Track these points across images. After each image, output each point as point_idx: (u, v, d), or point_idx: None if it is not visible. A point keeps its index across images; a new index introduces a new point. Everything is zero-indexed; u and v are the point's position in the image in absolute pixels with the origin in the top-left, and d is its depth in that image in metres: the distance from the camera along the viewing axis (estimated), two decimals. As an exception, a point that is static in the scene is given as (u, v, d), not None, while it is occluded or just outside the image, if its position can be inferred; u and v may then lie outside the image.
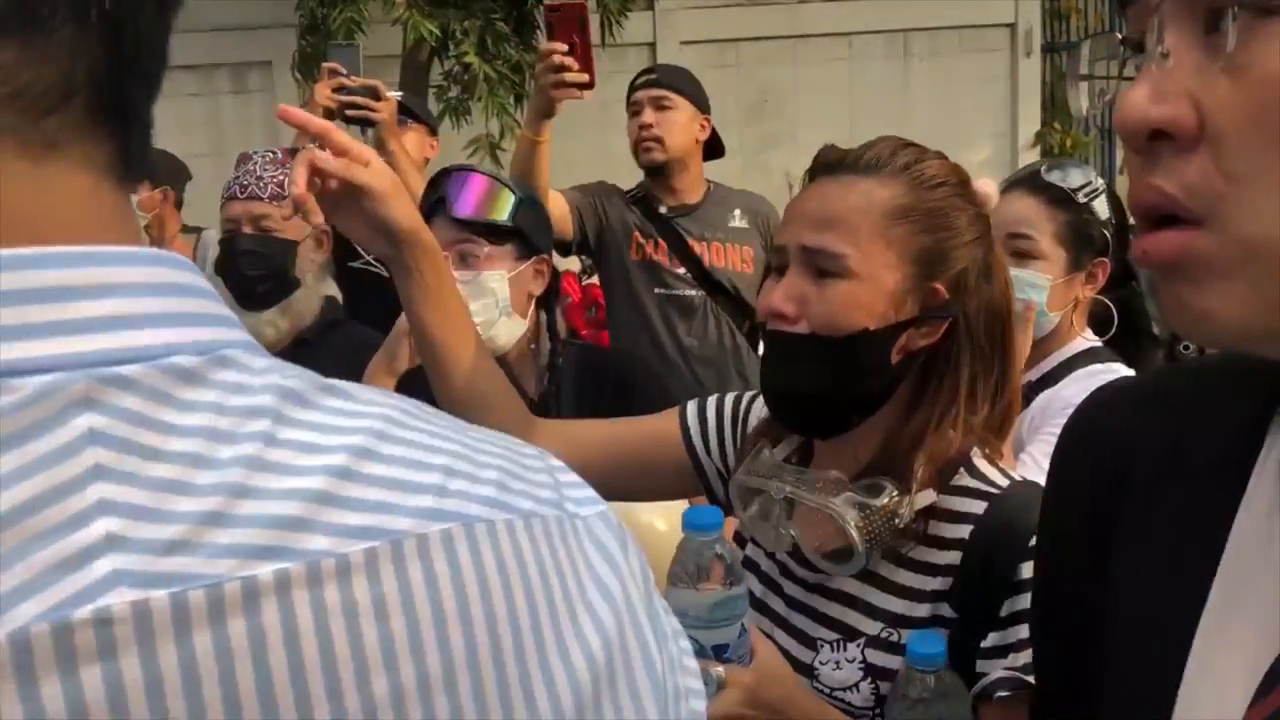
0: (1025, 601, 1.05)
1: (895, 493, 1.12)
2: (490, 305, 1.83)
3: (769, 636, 1.21)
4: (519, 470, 0.48)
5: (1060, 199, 1.87)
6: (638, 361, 2.16)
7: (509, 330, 1.87)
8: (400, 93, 2.85)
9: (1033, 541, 1.06)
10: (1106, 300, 1.94)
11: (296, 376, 0.45)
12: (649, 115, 2.79)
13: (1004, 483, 1.17)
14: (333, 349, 2.19)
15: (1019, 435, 1.87)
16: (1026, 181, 1.93)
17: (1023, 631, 1.08)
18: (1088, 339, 1.93)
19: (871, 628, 1.17)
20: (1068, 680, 0.69)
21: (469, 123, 6.10)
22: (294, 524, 0.40)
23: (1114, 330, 1.94)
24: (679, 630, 0.52)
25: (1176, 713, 0.58)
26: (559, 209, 2.64)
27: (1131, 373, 1.86)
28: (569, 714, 0.44)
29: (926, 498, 1.13)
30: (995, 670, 1.10)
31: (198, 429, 0.41)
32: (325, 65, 2.65)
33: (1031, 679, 1.05)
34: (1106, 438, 0.70)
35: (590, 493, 0.50)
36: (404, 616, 0.41)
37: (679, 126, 2.81)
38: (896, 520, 1.11)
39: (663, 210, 2.86)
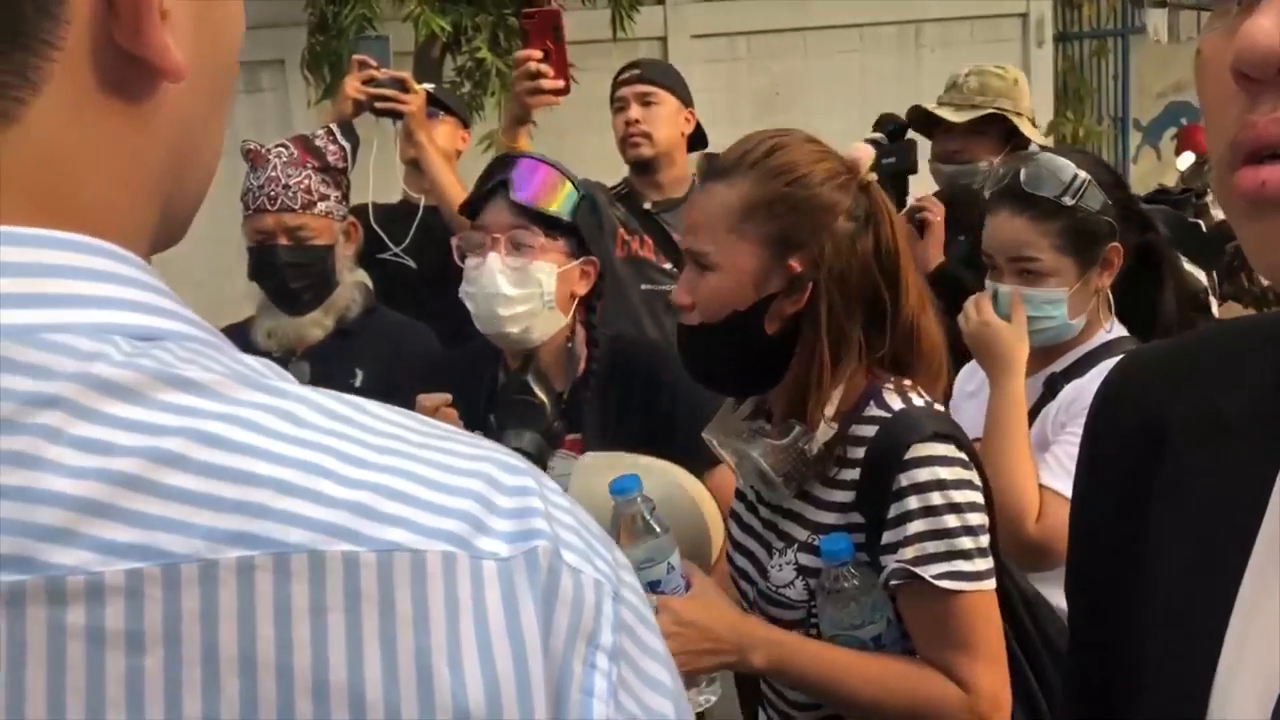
0: (909, 504, 1.30)
1: (800, 429, 1.36)
2: (535, 295, 1.81)
3: (749, 549, 1.50)
4: (419, 491, 0.41)
5: (1049, 210, 1.82)
6: (667, 355, 2.16)
7: (547, 323, 1.85)
8: (431, 85, 2.84)
9: (908, 454, 1.30)
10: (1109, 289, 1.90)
11: (137, 369, 0.40)
12: (635, 111, 2.78)
13: (897, 408, 1.36)
14: (371, 334, 2.24)
15: (1042, 428, 1.85)
16: (1009, 199, 1.86)
17: (909, 530, 1.30)
18: (1110, 331, 1.90)
19: (802, 535, 1.40)
20: (1104, 641, 0.69)
21: (482, 118, 6.10)
22: (48, 534, 0.36)
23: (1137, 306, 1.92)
24: (644, 710, 0.43)
25: (1220, 671, 0.58)
26: None
27: None
28: None
29: (827, 431, 1.35)
30: (890, 564, 1.31)
31: None
32: (355, 58, 2.65)
33: (918, 570, 1.28)
34: (1139, 400, 0.70)
35: (531, 524, 0.42)
36: (164, 651, 0.36)
37: (665, 121, 2.80)
38: (806, 452, 1.35)
39: (647, 206, 2.85)
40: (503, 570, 0.41)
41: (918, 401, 1.38)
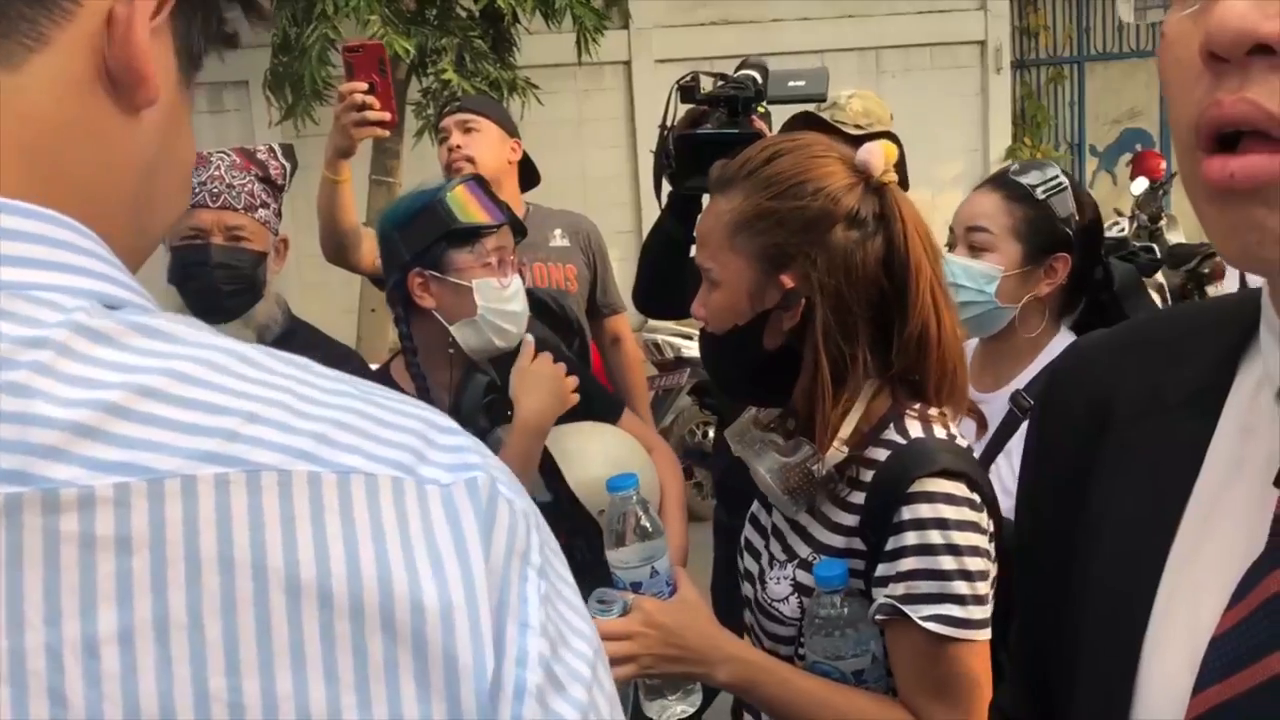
0: (906, 539, 1.24)
1: (809, 449, 1.31)
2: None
3: (757, 551, 1.46)
4: (368, 426, 0.47)
5: (1019, 195, 1.91)
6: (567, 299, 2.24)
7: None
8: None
9: (912, 487, 1.24)
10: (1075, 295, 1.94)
11: (113, 320, 0.45)
12: (457, 138, 2.82)
13: (914, 436, 1.29)
14: (298, 349, 2.18)
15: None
16: (993, 180, 1.99)
17: (901, 565, 1.24)
18: (1067, 337, 1.91)
19: (804, 551, 1.35)
20: (1048, 613, 0.71)
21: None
22: (43, 452, 0.41)
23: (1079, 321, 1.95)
24: (567, 626, 0.48)
25: (1153, 623, 0.60)
26: (374, 245, 2.42)
27: None
28: (344, 684, 0.42)
29: (836, 455, 1.29)
30: (879, 597, 1.26)
31: None
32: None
33: (906, 609, 1.23)
34: (1087, 380, 0.72)
35: (467, 459, 0.48)
36: (149, 553, 0.41)
37: (488, 146, 2.83)
38: (814, 472, 1.30)
39: None
40: (445, 494, 0.46)
41: (939, 433, 1.30)
